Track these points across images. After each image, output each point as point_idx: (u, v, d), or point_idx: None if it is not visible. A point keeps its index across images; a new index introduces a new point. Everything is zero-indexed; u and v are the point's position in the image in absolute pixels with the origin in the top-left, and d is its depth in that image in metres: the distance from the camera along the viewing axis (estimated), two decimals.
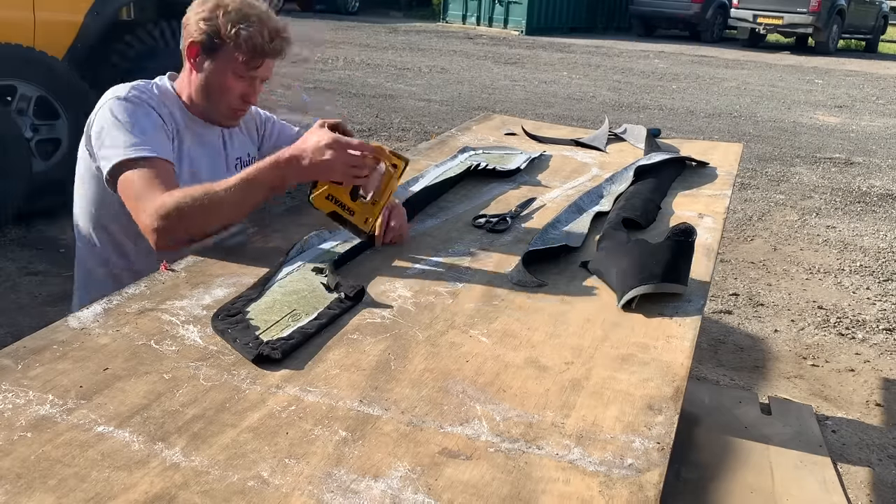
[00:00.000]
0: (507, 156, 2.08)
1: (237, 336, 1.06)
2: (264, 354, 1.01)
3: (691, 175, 2.00)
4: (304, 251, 1.38)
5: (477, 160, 2.00)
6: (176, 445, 0.84)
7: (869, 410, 2.69)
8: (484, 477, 0.82)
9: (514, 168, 1.95)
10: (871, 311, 3.52)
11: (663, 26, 17.52)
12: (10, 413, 0.87)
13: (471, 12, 17.00)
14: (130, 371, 0.97)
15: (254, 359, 1.01)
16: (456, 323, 1.16)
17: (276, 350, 1.03)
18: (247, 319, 1.12)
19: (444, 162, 1.97)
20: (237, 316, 1.12)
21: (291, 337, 1.07)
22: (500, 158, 2.04)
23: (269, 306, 1.17)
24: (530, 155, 2.07)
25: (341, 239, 1.45)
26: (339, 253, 1.38)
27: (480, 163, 1.95)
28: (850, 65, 14.12)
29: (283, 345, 1.04)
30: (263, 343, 1.04)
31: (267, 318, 1.13)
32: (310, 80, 8.56)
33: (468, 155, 2.06)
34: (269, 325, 1.11)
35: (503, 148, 2.17)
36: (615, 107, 8.14)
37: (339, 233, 1.46)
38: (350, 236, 1.43)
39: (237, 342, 1.05)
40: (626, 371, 1.04)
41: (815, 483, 1.65)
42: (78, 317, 1.10)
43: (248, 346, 1.04)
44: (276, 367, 1.01)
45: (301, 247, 1.38)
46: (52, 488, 0.76)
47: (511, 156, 2.08)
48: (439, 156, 2.05)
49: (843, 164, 6.26)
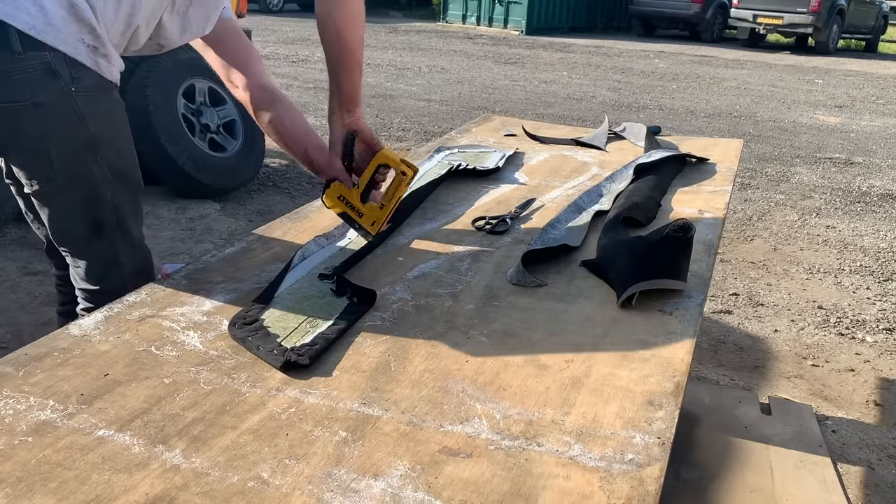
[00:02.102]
0: (482, 154, 2.10)
1: (259, 344, 1.06)
2: (291, 361, 1.01)
3: (691, 172, 2.00)
4: (305, 258, 1.39)
5: (454, 160, 2.02)
6: (176, 448, 0.84)
7: (869, 410, 2.69)
8: (484, 474, 0.82)
9: (492, 167, 1.96)
10: (871, 311, 3.53)
11: (663, 26, 17.52)
12: (11, 418, 0.88)
13: (471, 12, 17.02)
14: (131, 376, 0.98)
15: (281, 366, 1.01)
16: (456, 324, 1.16)
17: (304, 356, 1.02)
18: (265, 327, 1.11)
19: (421, 163, 1.98)
20: (254, 324, 1.12)
21: (315, 343, 1.07)
22: (476, 157, 2.06)
23: (283, 314, 1.17)
24: (505, 153, 2.09)
25: (340, 245, 1.46)
26: (343, 259, 1.38)
27: (460, 163, 1.96)
28: (850, 65, 14.12)
29: (309, 350, 1.04)
30: (289, 350, 1.04)
31: (285, 326, 1.13)
32: (310, 79, 8.57)
33: (444, 154, 2.08)
34: (288, 333, 1.11)
35: (477, 146, 2.19)
36: (615, 106, 8.14)
37: (336, 239, 1.48)
38: (348, 243, 1.46)
39: (261, 350, 1.04)
40: (626, 367, 1.04)
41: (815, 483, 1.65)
42: (79, 324, 1.10)
43: (272, 353, 1.04)
44: (301, 374, 1.00)
45: (302, 254, 1.38)
46: (53, 491, 0.76)
47: (486, 154, 2.11)
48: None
49: (843, 164, 6.26)
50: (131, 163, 1.45)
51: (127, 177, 1.44)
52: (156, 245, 3.65)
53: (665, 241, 1.28)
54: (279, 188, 4.74)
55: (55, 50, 1.25)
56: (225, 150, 4.42)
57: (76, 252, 1.43)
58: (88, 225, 1.37)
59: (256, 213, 4.24)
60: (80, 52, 1.29)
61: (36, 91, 1.26)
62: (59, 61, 1.26)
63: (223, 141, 4.44)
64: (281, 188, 4.74)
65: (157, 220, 3.92)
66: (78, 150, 1.34)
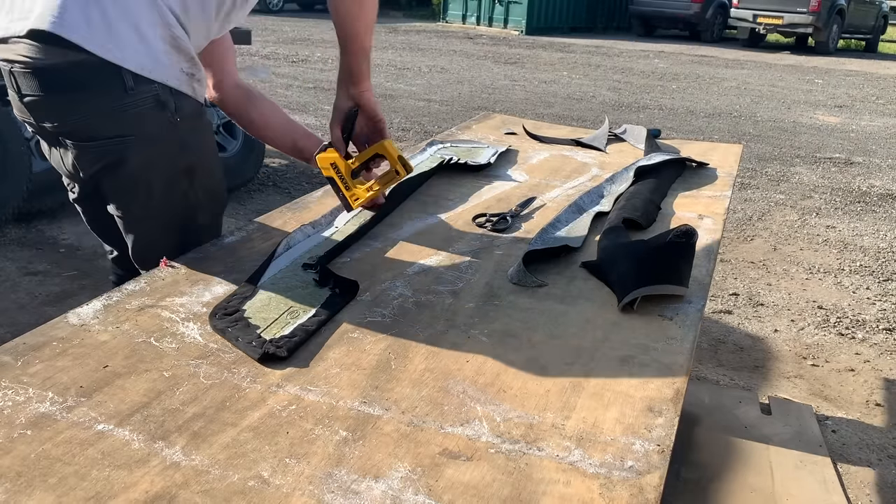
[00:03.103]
0: (474, 149, 2.11)
1: (239, 335, 1.06)
2: (270, 353, 1.01)
3: (691, 176, 2.00)
4: (290, 248, 1.38)
5: (446, 154, 2.02)
6: (176, 444, 0.83)
7: (869, 410, 2.69)
8: (485, 478, 0.82)
9: (484, 163, 1.97)
10: (871, 311, 3.53)
11: (663, 26, 17.52)
12: (10, 410, 0.87)
13: (471, 12, 17.02)
14: (130, 369, 0.97)
15: (259, 358, 1.01)
16: (456, 322, 1.16)
17: (282, 348, 1.02)
18: (245, 318, 1.11)
19: (413, 156, 1.99)
20: (235, 314, 1.12)
21: (294, 334, 1.07)
22: (468, 152, 2.07)
23: (265, 304, 1.17)
24: (497, 149, 2.10)
25: (325, 234, 1.46)
26: (327, 249, 1.38)
27: (451, 157, 1.97)
28: (850, 65, 14.12)
29: (288, 342, 1.04)
30: (267, 342, 1.04)
31: (265, 317, 1.13)
32: (310, 79, 8.56)
33: (437, 148, 2.09)
34: (268, 324, 1.10)
35: (469, 141, 2.20)
36: (615, 107, 8.14)
37: (323, 228, 1.48)
38: (334, 232, 1.48)
39: (239, 341, 1.05)
40: (626, 372, 1.04)
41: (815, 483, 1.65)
42: (77, 313, 1.10)
43: (251, 344, 1.04)
44: (279, 365, 1.01)
45: (287, 243, 1.38)
46: (53, 487, 0.76)
47: (478, 149, 2.12)
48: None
49: (843, 164, 6.26)
50: (220, 181, 1.51)
51: (217, 197, 1.50)
52: None
53: (668, 246, 1.27)
54: (279, 188, 4.74)
55: (162, 84, 1.30)
56: (225, 149, 4.42)
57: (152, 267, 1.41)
58: (174, 247, 1.38)
59: (256, 212, 4.24)
60: (182, 83, 1.33)
61: (145, 124, 1.30)
62: (165, 93, 1.30)
63: (223, 141, 4.44)
64: (281, 188, 4.74)
65: None
66: (178, 178, 1.38)
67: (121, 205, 1.39)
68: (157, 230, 1.42)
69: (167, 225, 1.41)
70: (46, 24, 1.19)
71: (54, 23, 1.18)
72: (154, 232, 1.42)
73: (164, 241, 1.40)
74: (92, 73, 1.23)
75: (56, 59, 1.22)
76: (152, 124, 1.30)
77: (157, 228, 1.41)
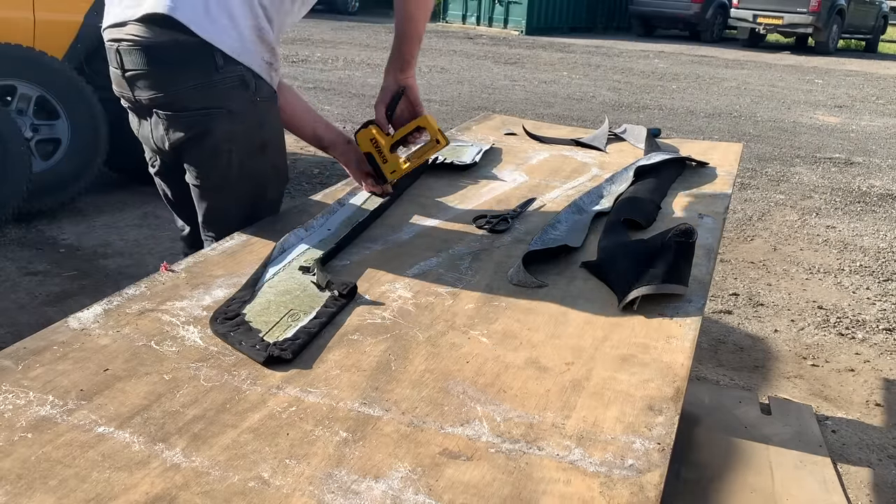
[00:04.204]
0: (458, 148, 2.12)
1: (241, 339, 1.06)
2: (274, 356, 1.01)
3: (691, 175, 2.00)
4: (285, 251, 1.39)
5: None
6: (176, 446, 0.84)
7: (869, 410, 2.69)
8: (485, 478, 0.82)
9: (469, 162, 1.98)
10: (871, 311, 3.53)
11: (663, 26, 17.53)
12: (11, 414, 0.87)
13: (471, 12, 17.01)
14: (131, 372, 0.97)
15: (264, 361, 1.01)
16: (456, 323, 1.16)
17: (286, 351, 1.02)
18: (246, 322, 1.11)
19: None
20: (236, 318, 1.12)
21: (297, 337, 1.07)
22: (452, 151, 2.07)
23: (265, 308, 1.17)
24: (482, 147, 2.10)
25: (319, 237, 1.46)
26: (324, 251, 1.38)
27: (437, 157, 1.97)
28: (850, 65, 14.13)
29: (292, 345, 1.04)
30: (271, 345, 1.04)
31: (266, 320, 1.13)
32: (310, 79, 8.57)
33: None
34: (270, 327, 1.10)
35: (454, 139, 2.20)
36: (615, 107, 8.14)
37: (316, 230, 1.49)
38: (329, 233, 1.49)
39: (243, 345, 1.04)
40: (626, 372, 1.04)
41: (815, 483, 1.65)
42: (78, 318, 1.10)
43: (254, 348, 1.04)
44: (280, 367, 1.01)
45: (282, 246, 1.38)
46: (53, 489, 0.76)
47: (463, 148, 2.12)
48: None
49: (843, 164, 6.27)
50: (285, 158, 1.64)
51: (283, 174, 1.64)
52: (156, 245, 3.65)
53: (668, 245, 1.27)
54: None
55: (247, 67, 1.46)
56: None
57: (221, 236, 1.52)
58: (245, 216, 1.53)
59: None
60: (263, 69, 1.50)
61: (230, 99, 1.46)
62: (248, 75, 1.47)
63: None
64: None
65: (158, 220, 3.91)
66: (254, 153, 1.53)
67: (201, 172, 1.52)
68: (231, 199, 1.55)
69: (240, 195, 1.55)
70: (164, 7, 1.39)
71: (171, 6, 1.39)
72: (228, 199, 1.55)
73: (234, 209, 1.55)
74: (191, 51, 1.41)
75: (163, 38, 1.41)
76: (236, 101, 1.46)
77: (230, 197, 1.55)
